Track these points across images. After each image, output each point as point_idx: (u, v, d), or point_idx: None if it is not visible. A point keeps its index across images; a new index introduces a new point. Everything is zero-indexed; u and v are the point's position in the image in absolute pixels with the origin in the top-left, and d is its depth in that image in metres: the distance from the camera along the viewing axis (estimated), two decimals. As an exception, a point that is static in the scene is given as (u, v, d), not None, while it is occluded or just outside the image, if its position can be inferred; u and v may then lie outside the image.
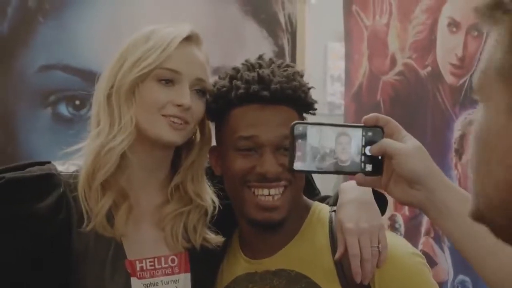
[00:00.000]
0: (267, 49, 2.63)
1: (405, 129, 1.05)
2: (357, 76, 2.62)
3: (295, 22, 2.72)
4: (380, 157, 1.02)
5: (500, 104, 0.61)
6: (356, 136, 1.02)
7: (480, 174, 0.64)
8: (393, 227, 2.36)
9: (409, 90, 2.31)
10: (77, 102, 2.34)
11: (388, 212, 2.34)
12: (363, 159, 1.02)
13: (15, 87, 2.31)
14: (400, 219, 2.36)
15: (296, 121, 1.04)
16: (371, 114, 1.04)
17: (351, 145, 1.02)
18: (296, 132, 1.02)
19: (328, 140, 1.02)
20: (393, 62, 2.38)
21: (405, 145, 1.00)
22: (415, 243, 2.19)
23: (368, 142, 1.02)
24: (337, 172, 1.03)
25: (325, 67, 3.38)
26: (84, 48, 2.36)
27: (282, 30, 2.71)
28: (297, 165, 1.02)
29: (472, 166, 0.66)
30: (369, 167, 1.02)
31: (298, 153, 1.02)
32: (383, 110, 2.41)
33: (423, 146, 1.02)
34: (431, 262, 2.11)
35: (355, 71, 2.64)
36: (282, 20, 2.71)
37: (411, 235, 2.24)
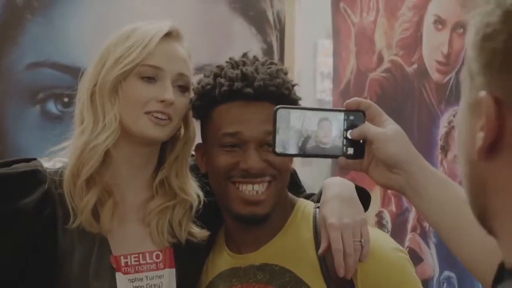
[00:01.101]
0: (255, 47, 2.63)
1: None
2: (345, 73, 2.62)
3: (284, 20, 2.72)
4: (361, 141, 1.03)
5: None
6: (338, 120, 1.03)
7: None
8: (380, 224, 2.37)
9: (395, 87, 2.32)
10: (66, 99, 2.33)
11: (376, 209, 2.35)
12: (345, 142, 1.03)
13: (3, 85, 2.31)
14: (387, 216, 2.37)
15: (279, 106, 1.04)
16: (353, 98, 1.05)
17: (333, 129, 1.03)
18: (279, 116, 1.03)
19: (310, 124, 1.03)
20: (380, 59, 2.39)
21: (384, 130, 1.01)
22: (402, 240, 2.20)
23: (350, 126, 1.03)
24: (319, 155, 1.04)
25: (314, 64, 3.37)
26: (73, 45, 2.36)
27: (271, 28, 2.72)
28: (280, 149, 1.03)
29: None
30: (350, 151, 1.03)
31: (281, 137, 1.03)
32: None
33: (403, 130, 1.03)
34: (418, 258, 2.12)
35: (343, 68, 2.65)
36: (270, 17, 2.72)
37: (398, 232, 2.26)
